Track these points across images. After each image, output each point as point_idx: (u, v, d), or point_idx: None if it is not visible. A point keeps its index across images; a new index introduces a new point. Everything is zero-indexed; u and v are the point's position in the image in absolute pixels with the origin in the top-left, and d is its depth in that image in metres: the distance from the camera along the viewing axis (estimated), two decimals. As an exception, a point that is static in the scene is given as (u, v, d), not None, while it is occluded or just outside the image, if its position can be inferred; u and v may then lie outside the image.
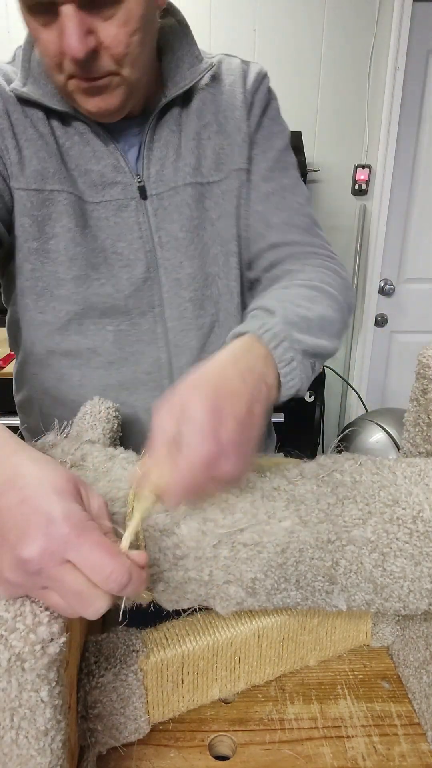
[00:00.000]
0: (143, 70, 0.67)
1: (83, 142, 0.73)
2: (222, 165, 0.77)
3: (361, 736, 0.57)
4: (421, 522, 0.49)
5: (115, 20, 0.59)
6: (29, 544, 0.35)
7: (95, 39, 0.60)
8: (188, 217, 0.76)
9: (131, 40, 0.61)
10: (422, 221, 2.31)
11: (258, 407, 0.50)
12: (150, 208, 0.75)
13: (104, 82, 0.64)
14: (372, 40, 2.06)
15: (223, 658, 0.57)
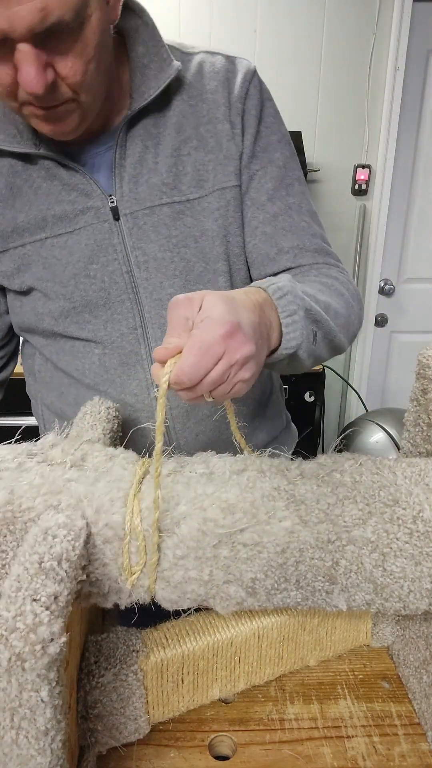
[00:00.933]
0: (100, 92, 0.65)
1: (50, 177, 0.71)
2: (203, 182, 0.73)
3: (361, 736, 0.57)
4: (421, 522, 0.49)
5: (71, 52, 0.58)
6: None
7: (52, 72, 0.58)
8: (166, 236, 0.73)
9: (88, 68, 0.60)
10: (422, 221, 2.31)
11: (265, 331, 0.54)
12: (125, 227, 0.72)
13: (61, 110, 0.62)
14: (372, 40, 2.06)
15: (223, 658, 0.57)
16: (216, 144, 0.73)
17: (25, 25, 0.52)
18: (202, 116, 0.73)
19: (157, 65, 0.70)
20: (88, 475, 0.51)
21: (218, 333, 0.46)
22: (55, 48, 0.56)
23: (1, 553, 0.47)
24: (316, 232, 0.78)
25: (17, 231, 0.73)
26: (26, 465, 0.53)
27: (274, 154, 0.76)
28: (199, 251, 0.74)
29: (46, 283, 0.74)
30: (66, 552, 0.42)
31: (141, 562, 0.47)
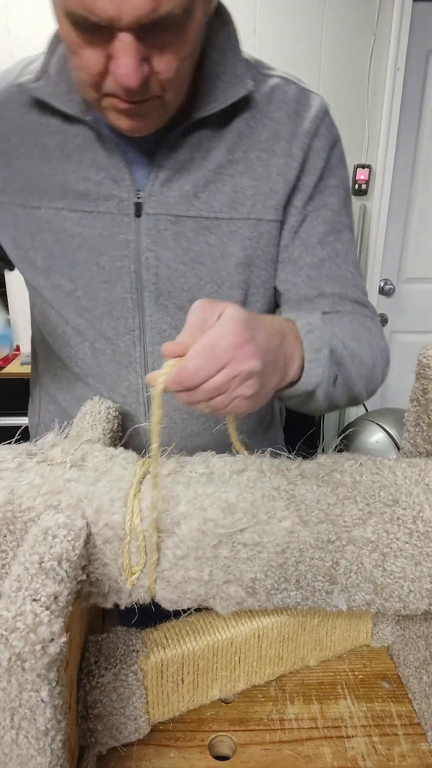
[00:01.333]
0: (184, 90, 0.63)
1: (84, 148, 0.69)
2: (238, 206, 0.70)
3: (361, 736, 0.57)
4: (421, 522, 0.49)
5: (170, 48, 0.55)
6: None
7: (147, 66, 0.55)
8: (185, 249, 0.71)
9: (182, 65, 0.58)
10: (422, 221, 2.31)
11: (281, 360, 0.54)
12: (143, 227, 0.70)
13: (145, 106, 0.60)
14: (372, 40, 2.06)
15: (223, 658, 0.57)
16: (265, 174, 0.70)
17: (134, 14, 0.50)
18: (258, 142, 0.70)
19: (228, 79, 0.67)
20: (88, 475, 0.51)
21: (229, 340, 0.45)
22: (155, 42, 0.54)
23: (1, 553, 0.47)
24: (358, 284, 0.77)
25: (38, 192, 0.70)
26: (26, 465, 0.53)
27: (330, 198, 0.74)
28: (215, 272, 0.72)
29: (52, 259, 0.72)
30: (66, 552, 0.42)
31: (141, 562, 0.47)
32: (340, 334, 0.66)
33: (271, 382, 0.52)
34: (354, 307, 0.75)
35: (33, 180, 0.71)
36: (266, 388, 0.51)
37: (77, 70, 0.59)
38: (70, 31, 0.55)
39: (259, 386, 0.49)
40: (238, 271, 0.73)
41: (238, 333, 0.46)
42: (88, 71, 0.57)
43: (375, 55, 2.08)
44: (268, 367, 0.50)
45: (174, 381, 0.45)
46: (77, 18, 0.52)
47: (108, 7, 0.50)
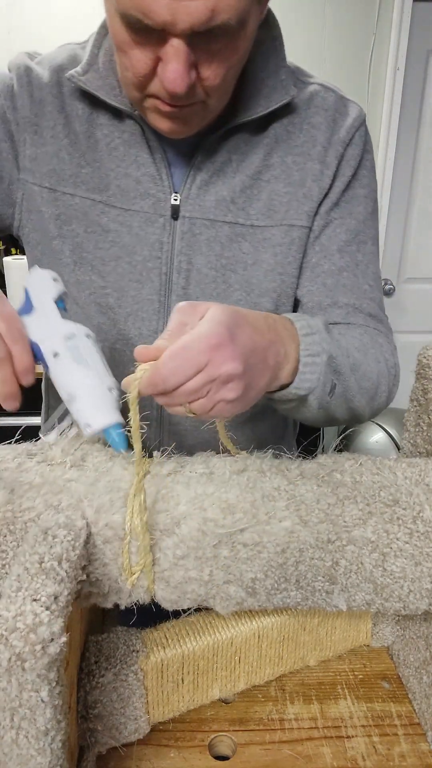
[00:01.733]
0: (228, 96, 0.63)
1: (129, 143, 0.68)
2: (272, 213, 0.70)
3: (361, 736, 0.57)
4: (421, 522, 0.49)
5: (219, 56, 0.55)
6: None
7: (195, 72, 0.55)
8: (217, 255, 0.70)
9: (229, 73, 0.57)
10: (422, 221, 2.31)
11: (272, 359, 0.52)
12: (178, 230, 0.69)
13: (187, 110, 0.59)
14: (372, 40, 2.06)
15: (223, 658, 0.57)
16: (300, 179, 0.70)
17: (189, 22, 0.49)
18: (294, 146, 0.70)
19: (272, 84, 0.67)
20: (88, 475, 0.51)
21: (204, 343, 0.44)
22: (205, 49, 0.54)
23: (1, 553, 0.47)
24: (375, 297, 0.75)
25: (75, 180, 0.69)
26: (26, 465, 0.53)
27: (356, 207, 0.74)
28: (246, 280, 0.71)
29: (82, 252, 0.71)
30: (66, 552, 0.42)
31: (141, 562, 0.47)
32: (344, 343, 0.65)
33: (258, 384, 0.50)
34: (367, 321, 0.74)
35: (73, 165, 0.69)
36: (253, 390, 0.50)
37: (123, 68, 0.59)
38: (121, 30, 0.54)
39: (243, 389, 0.47)
40: (269, 278, 0.71)
41: (215, 335, 0.44)
42: (134, 71, 0.56)
43: (375, 55, 2.08)
44: (255, 368, 0.49)
45: (147, 384, 0.45)
46: (131, 19, 0.52)
47: (164, 12, 0.49)
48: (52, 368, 0.51)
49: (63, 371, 0.51)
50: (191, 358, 0.44)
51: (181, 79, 0.53)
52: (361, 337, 0.70)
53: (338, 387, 0.62)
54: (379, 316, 0.75)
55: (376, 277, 0.76)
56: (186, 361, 0.44)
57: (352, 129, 0.71)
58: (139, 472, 0.47)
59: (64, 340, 0.51)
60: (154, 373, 0.44)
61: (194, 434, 0.77)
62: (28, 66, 0.70)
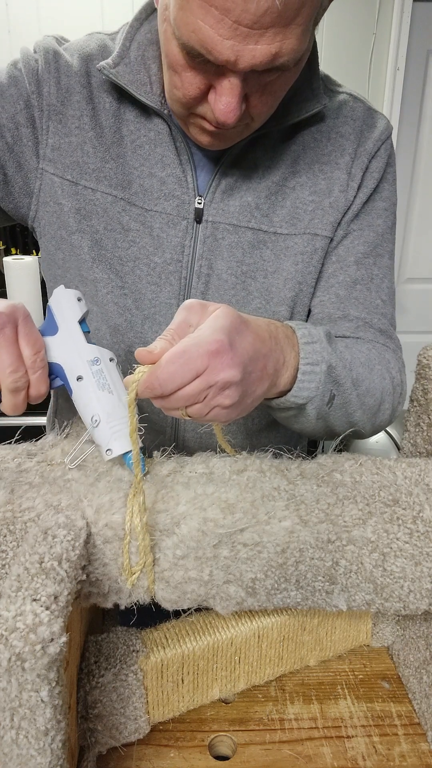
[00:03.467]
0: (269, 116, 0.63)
1: (156, 142, 0.68)
2: (297, 221, 0.70)
3: (361, 736, 0.57)
4: (421, 522, 0.49)
5: (270, 88, 0.56)
6: None
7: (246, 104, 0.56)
8: (238, 261, 0.69)
9: (272, 105, 0.58)
10: (422, 221, 2.31)
11: (271, 367, 0.52)
12: (201, 234, 0.69)
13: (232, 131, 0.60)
14: (372, 40, 2.06)
15: (223, 658, 0.57)
16: (326, 188, 0.70)
17: (251, 63, 0.50)
18: (322, 155, 0.70)
19: (305, 93, 0.67)
20: (88, 475, 0.51)
21: (204, 348, 0.44)
22: (257, 83, 0.55)
23: (1, 553, 0.47)
24: (387, 313, 0.75)
25: (98, 175, 0.68)
26: (26, 465, 0.53)
27: (376, 220, 0.73)
28: (265, 288, 0.71)
29: (101, 250, 0.69)
30: (66, 552, 0.42)
31: (141, 562, 0.47)
32: (349, 357, 0.64)
33: (256, 390, 0.50)
34: (376, 336, 0.73)
35: (98, 159, 0.68)
36: (251, 397, 0.50)
37: (172, 87, 0.59)
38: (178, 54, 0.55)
39: (240, 396, 0.47)
40: (288, 286, 0.71)
41: (215, 341, 0.44)
42: (184, 92, 0.57)
43: (375, 55, 2.08)
44: (253, 374, 0.49)
45: (144, 387, 0.44)
46: (191, 51, 0.52)
47: (228, 53, 0.50)
48: (75, 391, 0.52)
49: (86, 395, 0.51)
50: (190, 364, 0.43)
51: (233, 113, 0.54)
52: (369, 352, 0.69)
53: (338, 398, 0.61)
54: (389, 332, 0.74)
55: (389, 293, 0.75)
56: (184, 366, 0.43)
57: (378, 142, 0.71)
58: (138, 473, 0.47)
59: (89, 365, 0.51)
60: (151, 377, 0.44)
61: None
62: (56, 51, 0.68)
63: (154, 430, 0.75)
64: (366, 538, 0.48)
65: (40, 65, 0.67)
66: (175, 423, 0.75)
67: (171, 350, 0.44)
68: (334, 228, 0.71)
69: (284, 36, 0.49)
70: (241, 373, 0.46)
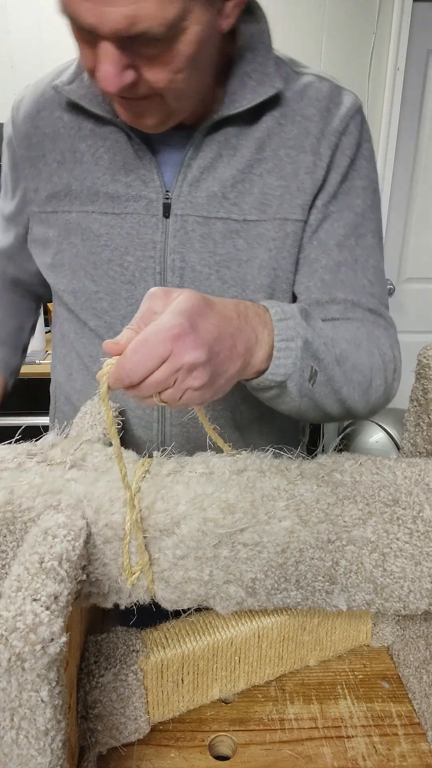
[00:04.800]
0: (191, 97, 0.62)
1: (114, 150, 0.69)
2: (266, 207, 0.69)
3: (361, 736, 0.57)
4: (421, 522, 0.49)
5: (157, 61, 0.55)
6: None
7: (134, 73, 0.56)
8: (211, 252, 0.69)
9: (176, 77, 0.57)
10: (422, 221, 2.31)
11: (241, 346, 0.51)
12: (171, 228, 0.69)
13: (143, 104, 0.60)
14: (372, 40, 2.06)
15: (223, 658, 0.57)
16: (292, 172, 0.69)
17: (111, 27, 0.51)
18: (287, 139, 0.69)
19: (258, 77, 0.66)
20: (88, 475, 0.51)
21: (165, 334, 0.44)
22: (140, 53, 0.54)
23: (1, 553, 0.48)
24: (375, 292, 0.73)
25: (69, 197, 0.72)
26: (26, 465, 0.53)
27: (355, 199, 0.72)
28: (240, 276, 0.70)
29: (78, 259, 0.72)
30: (66, 552, 0.42)
31: (141, 562, 0.47)
32: (331, 334, 0.63)
33: (227, 370, 0.50)
34: (366, 316, 0.72)
35: (64, 185, 0.72)
36: (222, 377, 0.49)
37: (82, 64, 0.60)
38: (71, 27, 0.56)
39: (210, 376, 0.47)
40: (263, 273, 0.70)
41: (175, 325, 0.44)
42: (87, 68, 0.59)
43: (375, 55, 2.08)
44: (221, 354, 0.48)
45: (114, 379, 0.44)
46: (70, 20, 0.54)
47: (89, 15, 0.51)
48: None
49: None
50: (153, 350, 0.44)
51: (110, 80, 0.54)
52: (356, 330, 0.69)
53: (320, 375, 0.60)
54: (379, 311, 0.73)
55: (377, 272, 0.74)
56: (148, 353, 0.44)
57: (346, 118, 0.69)
58: (121, 467, 0.46)
59: None
60: (119, 368, 0.44)
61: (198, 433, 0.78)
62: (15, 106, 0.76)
63: (141, 426, 0.77)
64: (366, 538, 0.48)
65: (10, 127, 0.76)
66: (161, 418, 0.76)
67: (134, 339, 0.44)
68: (304, 211, 0.70)
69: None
70: (207, 354, 0.46)
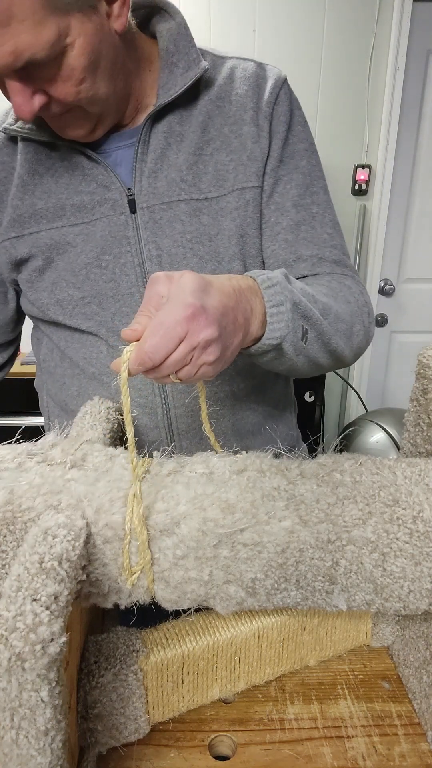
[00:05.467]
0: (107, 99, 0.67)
1: (72, 166, 0.73)
2: (223, 182, 0.74)
3: (361, 736, 0.57)
4: (421, 522, 0.49)
5: (57, 79, 0.60)
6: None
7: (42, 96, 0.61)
8: (181, 232, 0.73)
9: (80, 88, 0.62)
10: (422, 221, 2.31)
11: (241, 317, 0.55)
12: (140, 221, 0.73)
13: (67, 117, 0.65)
14: (372, 40, 2.06)
15: (223, 658, 0.57)
16: (240, 145, 0.74)
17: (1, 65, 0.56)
18: (228, 117, 0.74)
19: (185, 64, 0.71)
20: (88, 475, 0.51)
21: (180, 315, 0.47)
22: (39, 77, 0.60)
23: (1, 553, 0.47)
24: (337, 244, 0.78)
25: (35, 217, 0.74)
26: (26, 465, 0.53)
27: (300, 161, 0.77)
28: (213, 250, 0.74)
29: (57, 272, 0.75)
30: (66, 552, 0.42)
31: (141, 562, 0.47)
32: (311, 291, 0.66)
33: (233, 342, 0.53)
34: (332, 268, 0.77)
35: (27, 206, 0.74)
36: (229, 349, 0.53)
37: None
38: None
39: (221, 350, 0.50)
40: (233, 242, 0.74)
41: (188, 306, 0.47)
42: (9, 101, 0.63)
43: (375, 55, 2.07)
44: (227, 328, 0.51)
45: (135, 363, 0.47)
46: None
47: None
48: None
49: None
50: (171, 332, 0.46)
51: (22, 109, 0.61)
52: (329, 283, 0.73)
53: (311, 332, 0.64)
54: (343, 261, 0.78)
55: (334, 224, 0.78)
56: (166, 335, 0.46)
57: (275, 89, 0.75)
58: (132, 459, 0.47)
59: None
60: (140, 352, 0.46)
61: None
62: None
63: (146, 414, 0.78)
64: (366, 538, 0.48)
65: None
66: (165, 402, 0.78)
67: (151, 324, 0.47)
68: (259, 177, 0.75)
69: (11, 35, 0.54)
70: (218, 330, 0.49)
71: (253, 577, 0.48)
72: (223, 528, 0.47)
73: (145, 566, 0.47)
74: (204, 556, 0.47)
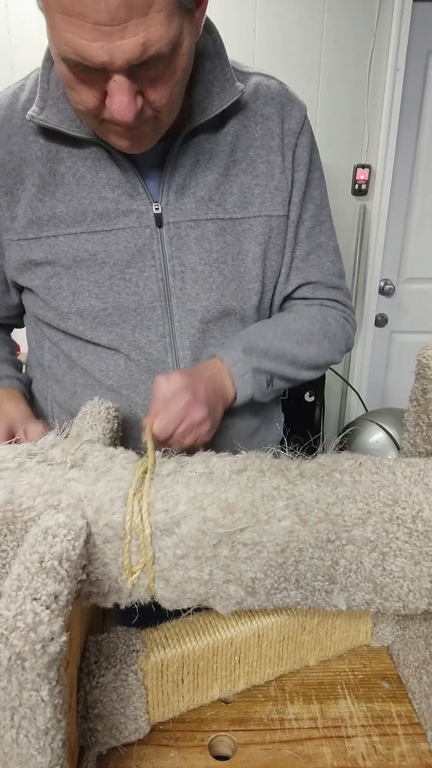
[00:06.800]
0: (178, 108, 0.66)
1: (98, 168, 0.71)
2: (248, 204, 0.75)
3: (361, 736, 0.57)
4: (420, 522, 0.49)
5: (161, 79, 0.59)
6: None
7: (141, 98, 0.59)
8: (208, 251, 0.74)
9: (174, 91, 0.61)
10: (422, 221, 2.31)
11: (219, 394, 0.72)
12: (166, 236, 0.73)
13: (142, 128, 0.63)
14: (372, 40, 2.06)
15: (223, 658, 0.57)
16: (266, 171, 0.75)
17: (125, 59, 0.54)
18: (254, 139, 0.75)
19: (220, 84, 0.71)
20: (88, 474, 0.51)
21: (181, 404, 0.65)
22: (146, 76, 0.58)
23: (2, 552, 0.48)
24: (336, 271, 0.86)
25: (54, 221, 0.73)
26: (26, 465, 0.53)
27: (314, 191, 0.80)
28: (236, 270, 0.77)
29: (79, 281, 0.74)
30: (66, 551, 0.42)
31: (141, 561, 0.47)
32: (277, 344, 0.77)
33: (219, 413, 0.72)
34: (329, 293, 0.85)
35: (47, 209, 0.73)
36: (216, 418, 0.70)
37: (75, 103, 0.62)
38: (66, 71, 0.58)
39: (212, 423, 0.68)
40: (256, 265, 0.78)
41: (185, 398, 0.65)
42: (84, 105, 0.60)
43: (375, 55, 2.07)
44: (213, 405, 0.69)
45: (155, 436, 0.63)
46: (71, 62, 0.56)
47: (100, 54, 0.53)
48: None
49: None
50: (175, 417, 0.64)
51: (128, 110, 0.58)
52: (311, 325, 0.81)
53: (276, 380, 0.79)
54: (339, 286, 0.86)
55: (335, 251, 0.86)
56: (172, 419, 0.64)
57: (301, 118, 0.77)
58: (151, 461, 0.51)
59: None
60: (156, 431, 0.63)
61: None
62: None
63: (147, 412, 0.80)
64: (365, 538, 0.48)
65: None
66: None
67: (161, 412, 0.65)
68: (285, 206, 0.78)
69: (147, 25, 0.53)
70: (207, 409, 0.67)
71: (253, 577, 0.48)
72: (223, 527, 0.47)
73: (146, 563, 0.47)
74: (204, 556, 0.47)
